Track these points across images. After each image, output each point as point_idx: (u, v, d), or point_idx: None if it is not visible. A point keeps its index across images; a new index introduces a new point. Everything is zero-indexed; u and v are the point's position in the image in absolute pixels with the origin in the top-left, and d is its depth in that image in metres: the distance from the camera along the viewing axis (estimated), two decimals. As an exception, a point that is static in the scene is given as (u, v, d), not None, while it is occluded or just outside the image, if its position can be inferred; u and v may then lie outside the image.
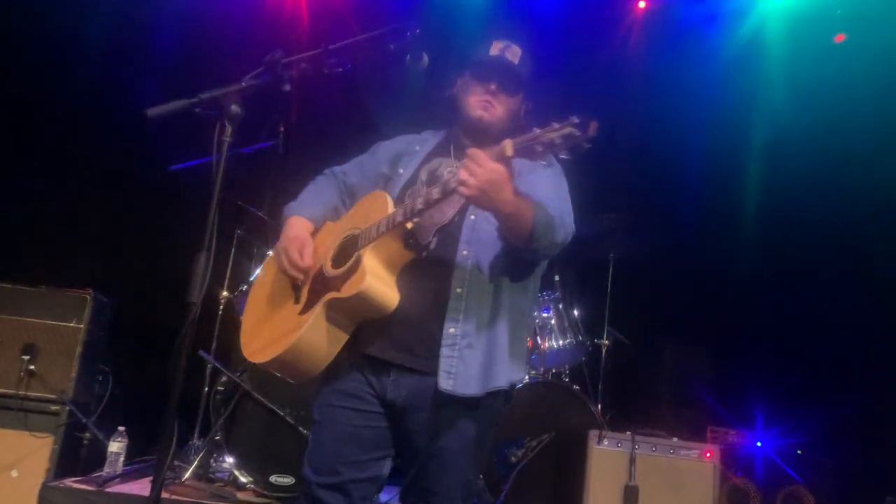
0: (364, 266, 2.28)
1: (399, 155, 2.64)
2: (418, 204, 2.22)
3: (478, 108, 2.50)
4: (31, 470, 4.14)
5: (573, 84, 5.12)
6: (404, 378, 2.34)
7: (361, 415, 2.35)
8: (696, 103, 5.32)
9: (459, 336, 2.30)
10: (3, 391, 4.22)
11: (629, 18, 5.78)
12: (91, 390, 4.56)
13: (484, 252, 2.37)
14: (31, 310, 4.35)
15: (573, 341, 4.45)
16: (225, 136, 2.05)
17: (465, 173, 2.08)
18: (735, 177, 5.47)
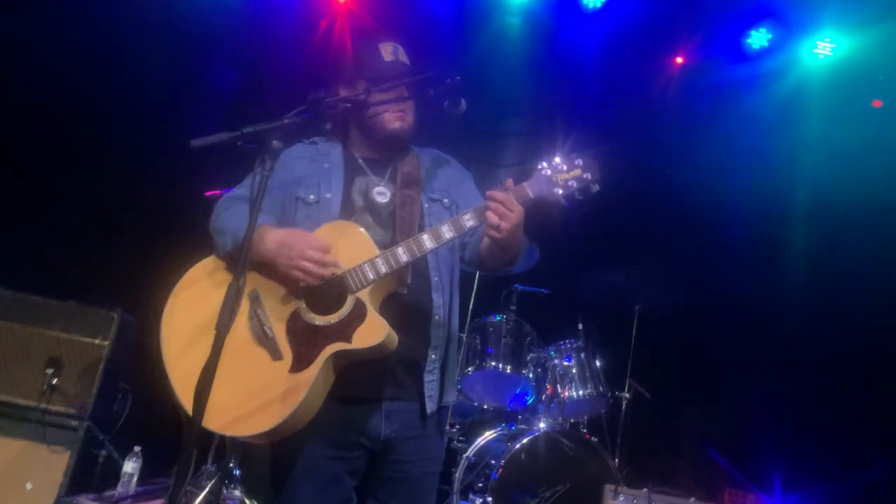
0: (372, 312, 2.21)
1: (303, 175, 2.46)
2: (427, 243, 2.25)
3: (395, 121, 2.48)
4: (46, 483, 4.16)
5: (610, 136, 5.15)
6: (395, 412, 2.33)
7: (344, 462, 2.28)
8: (733, 160, 5.32)
9: (435, 361, 2.39)
10: (25, 403, 4.27)
11: (667, 74, 5.82)
12: (110, 408, 4.60)
13: (446, 275, 2.48)
14: (58, 324, 4.41)
15: (594, 392, 4.40)
16: (265, 169, 2.08)
17: (497, 218, 2.16)
18: (767, 237, 5.42)
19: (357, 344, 2.18)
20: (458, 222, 2.28)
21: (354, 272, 2.24)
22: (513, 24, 5.58)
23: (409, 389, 2.36)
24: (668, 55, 5.89)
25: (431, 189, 2.52)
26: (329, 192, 2.42)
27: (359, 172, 2.50)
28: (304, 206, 2.40)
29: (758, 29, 5.57)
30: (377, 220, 2.40)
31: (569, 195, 2.24)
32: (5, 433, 4.24)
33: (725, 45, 5.72)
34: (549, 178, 2.24)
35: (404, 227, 2.36)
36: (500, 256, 2.37)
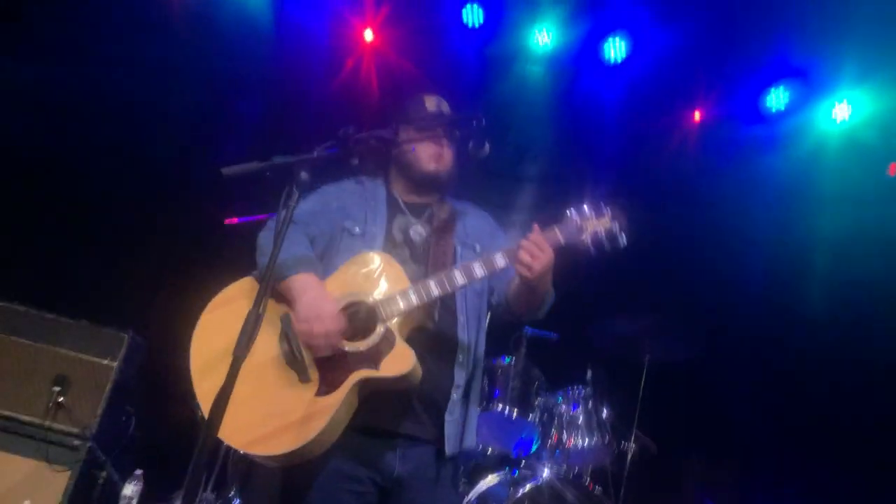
0: (401, 342, 2.25)
1: (351, 209, 2.59)
2: (458, 279, 2.31)
3: (431, 162, 2.62)
4: (44, 502, 4.15)
5: (626, 186, 5.21)
6: (411, 450, 2.35)
7: (357, 497, 2.29)
8: (750, 218, 5.34)
9: (456, 402, 2.41)
10: (29, 419, 4.27)
11: (685, 129, 5.88)
12: (114, 430, 4.58)
13: (473, 318, 2.53)
14: (68, 342, 4.43)
15: (600, 442, 4.35)
16: (292, 201, 2.11)
17: (529, 257, 2.24)
18: (782, 296, 5.39)
19: (384, 372, 2.21)
20: (489, 261, 2.35)
21: (385, 302, 2.30)
22: (535, 71, 5.67)
23: (427, 428, 2.37)
24: (687, 110, 5.96)
25: (465, 235, 2.62)
26: (373, 226, 2.53)
27: (399, 211, 2.62)
28: (348, 237, 2.50)
29: (777, 88, 5.63)
30: (413, 256, 2.48)
31: (597, 243, 2.32)
32: (7, 449, 4.23)
33: (744, 104, 5.78)
34: (579, 225, 2.32)
35: (437, 264, 2.44)
36: (528, 299, 2.44)
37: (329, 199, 2.59)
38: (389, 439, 2.32)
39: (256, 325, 2.04)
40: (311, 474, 2.25)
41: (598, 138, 5.62)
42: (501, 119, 5.07)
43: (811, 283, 5.35)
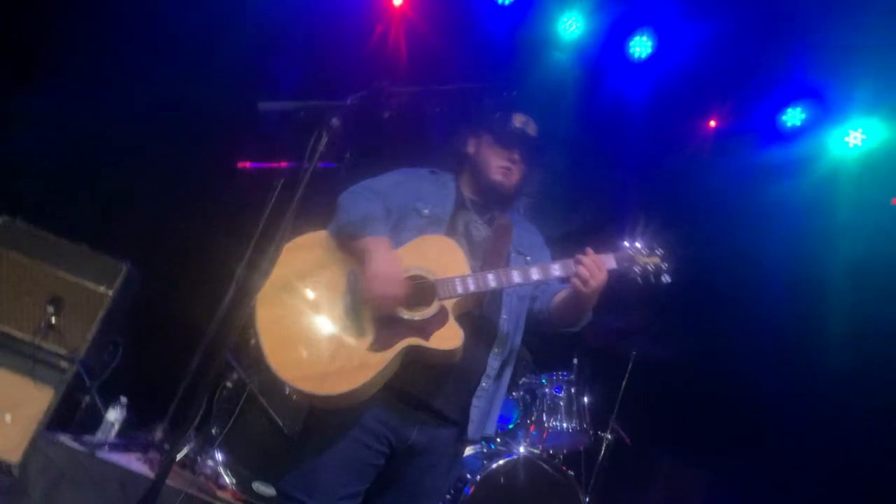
0: (453, 320, 2.41)
1: (424, 192, 2.75)
2: (515, 277, 2.47)
3: (498, 174, 2.74)
4: (26, 418, 4.15)
5: (638, 186, 5.26)
6: (432, 426, 2.50)
7: (371, 452, 2.43)
8: (758, 229, 5.37)
9: (485, 389, 2.56)
10: (20, 336, 4.29)
11: (700, 135, 5.92)
12: (101, 357, 4.61)
13: (514, 318, 2.67)
14: (66, 265, 4.42)
15: (578, 427, 4.43)
16: (320, 144, 2.15)
17: (588, 273, 2.41)
18: (783, 316, 5.40)
19: (433, 344, 2.38)
20: (546, 268, 2.53)
21: (445, 282, 2.45)
22: (560, 59, 5.68)
23: (454, 408, 2.53)
24: (703, 117, 6.00)
25: (520, 244, 2.76)
26: (440, 212, 2.70)
27: (464, 207, 2.77)
28: (417, 216, 2.66)
29: (794, 108, 5.67)
30: (470, 249, 2.61)
31: (644, 277, 2.50)
32: (-5, 362, 4.27)
33: (760, 118, 5.80)
34: (632, 258, 2.50)
35: (491, 264, 2.59)
36: (571, 312, 2.62)
37: (406, 179, 2.76)
38: (415, 410, 2.47)
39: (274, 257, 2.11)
40: (334, 419, 2.41)
41: (614, 133, 5.64)
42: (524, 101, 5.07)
43: (818, 301, 5.35)
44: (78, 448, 3.59)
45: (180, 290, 5.20)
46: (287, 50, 5.43)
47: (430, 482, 2.56)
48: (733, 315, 5.22)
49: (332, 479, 2.39)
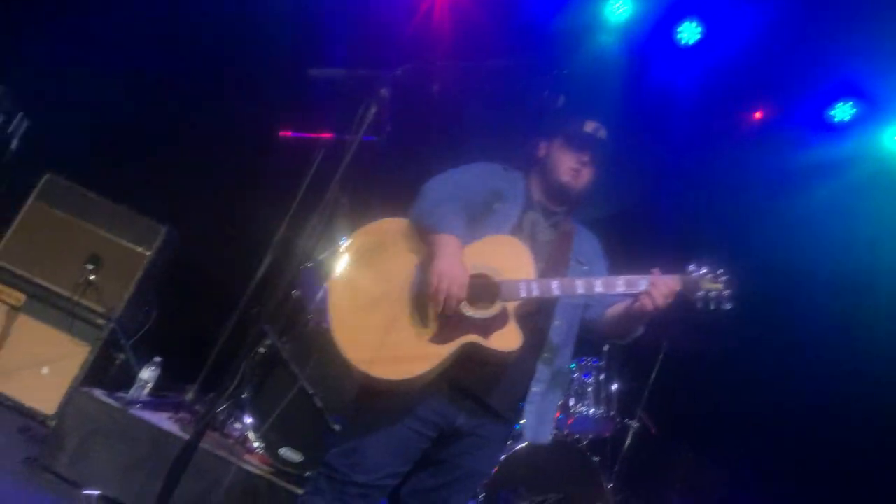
0: (513, 323, 2.46)
1: (498, 189, 2.79)
2: (578, 287, 2.51)
3: (567, 174, 2.77)
4: (62, 372, 4.28)
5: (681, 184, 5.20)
6: (478, 414, 2.55)
7: (417, 436, 2.51)
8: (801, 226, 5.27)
9: (537, 395, 2.61)
10: (59, 291, 4.39)
11: (745, 126, 5.81)
12: (137, 317, 4.70)
13: (568, 327, 2.71)
14: (108, 225, 4.52)
15: (605, 414, 4.42)
16: (369, 114, 2.14)
17: (659, 296, 2.45)
18: (824, 312, 5.30)
19: (492, 344, 2.43)
20: (609, 282, 2.56)
21: (510, 284, 2.50)
22: (606, 42, 5.60)
23: (505, 406, 2.59)
24: (749, 108, 5.88)
25: (581, 253, 2.80)
26: (511, 209, 2.73)
27: (532, 207, 2.79)
28: (489, 212, 2.70)
29: (844, 102, 5.54)
30: (534, 249, 2.63)
31: (705, 303, 2.51)
32: (36, 316, 4.37)
33: (808, 112, 5.68)
34: (696, 282, 2.52)
35: (553, 269, 2.65)
36: (626, 325, 2.67)
37: (484, 173, 2.81)
38: (466, 399, 2.53)
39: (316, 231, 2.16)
40: (385, 402, 2.49)
41: (657, 118, 5.54)
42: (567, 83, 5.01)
43: (863, 306, 5.25)
44: (112, 404, 3.65)
45: (217, 256, 5.26)
46: (334, 20, 5.40)
47: (472, 463, 2.61)
48: (773, 316, 5.11)
49: (377, 459, 2.47)
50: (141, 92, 5.27)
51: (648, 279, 2.50)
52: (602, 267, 2.85)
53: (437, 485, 2.60)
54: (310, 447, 3.78)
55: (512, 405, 2.63)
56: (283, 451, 3.80)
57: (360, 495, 2.47)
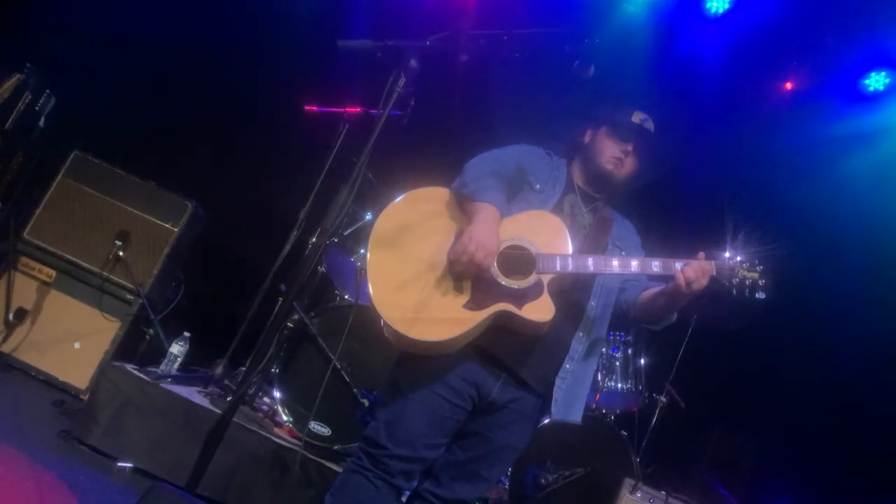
0: (546, 294, 2.48)
1: (539, 170, 2.82)
2: (614, 266, 2.54)
3: (610, 163, 2.78)
4: (93, 347, 4.34)
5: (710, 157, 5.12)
6: (511, 387, 2.57)
7: (452, 408, 2.54)
8: (837, 200, 5.17)
9: (569, 372, 2.62)
10: (89, 267, 4.44)
11: (775, 97, 5.70)
12: (165, 292, 4.74)
13: (603, 307, 2.72)
14: (135, 201, 4.55)
15: (632, 388, 4.41)
16: (398, 86, 2.11)
17: (694, 277, 2.46)
18: (856, 287, 5.21)
19: (525, 313, 2.45)
20: (645, 263, 2.58)
21: (546, 258, 2.52)
22: (634, 13, 5.50)
23: (538, 380, 2.60)
24: (779, 79, 5.76)
25: (618, 238, 2.82)
26: (551, 191, 2.78)
27: (572, 191, 2.82)
28: (529, 190, 2.75)
29: (878, 71, 5.41)
30: (572, 231, 2.66)
31: (739, 290, 2.52)
32: (66, 291, 4.43)
33: (841, 82, 5.55)
34: (732, 269, 2.54)
35: (589, 248, 2.67)
36: (660, 309, 2.68)
37: (526, 154, 2.83)
38: (499, 370, 2.55)
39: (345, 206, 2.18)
40: (420, 374, 2.53)
41: (685, 90, 5.45)
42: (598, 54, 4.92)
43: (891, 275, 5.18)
44: (144, 378, 3.69)
45: (243, 231, 5.28)
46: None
47: (505, 438, 2.62)
48: (804, 288, 5.04)
49: (414, 430, 2.50)
50: (166, 68, 5.28)
51: (683, 262, 2.51)
52: (639, 255, 2.84)
53: (469, 458, 2.61)
54: (338, 421, 3.82)
55: (544, 379, 2.62)
56: (312, 424, 3.83)
57: (400, 470, 2.51)
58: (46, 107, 4.74)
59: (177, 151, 5.23)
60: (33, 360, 4.30)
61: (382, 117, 2.13)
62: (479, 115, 5.23)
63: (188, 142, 5.30)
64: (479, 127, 5.18)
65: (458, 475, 2.62)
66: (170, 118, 5.25)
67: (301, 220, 4.23)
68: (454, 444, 2.63)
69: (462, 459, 2.62)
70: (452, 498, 2.63)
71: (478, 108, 5.27)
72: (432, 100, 4.88)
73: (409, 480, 2.58)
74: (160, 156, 5.04)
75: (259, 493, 3.48)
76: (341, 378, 3.83)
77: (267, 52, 5.39)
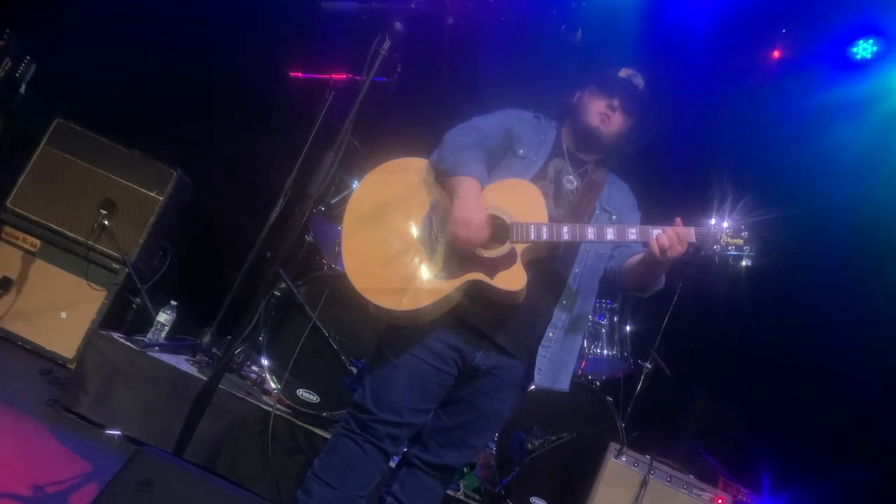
0: (520, 264, 2.47)
1: (524, 136, 2.77)
2: (589, 234, 2.50)
3: (596, 119, 2.72)
4: (79, 316, 4.34)
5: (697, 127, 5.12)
6: (494, 354, 2.58)
7: (437, 372, 2.56)
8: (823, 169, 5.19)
9: (553, 340, 2.61)
10: (74, 236, 4.41)
11: (763, 66, 5.68)
12: (150, 261, 4.72)
13: (588, 275, 2.70)
14: (119, 170, 4.51)
15: (618, 355, 4.45)
16: (383, 49, 2.10)
17: (668, 244, 2.41)
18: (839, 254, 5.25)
19: (496, 283, 2.45)
20: (622, 230, 2.53)
21: (520, 227, 2.50)
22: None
23: (519, 348, 2.61)
24: (767, 47, 5.74)
25: (608, 202, 2.77)
26: (535, 155, 2.73)
27: (560, 155, 2.77)
28: (512, 157, 2.72)
29: (866, 39, 5.40)
30: (555, 197, 2.66)
31: (723, 258, 2.48)
32: (51, 261, 4.40)
33: (828, 50, 5.53)
34: (715, 236, 2.49)
35: (575, 216, 2.63)
36: (641, 277, 2.64)
37: (510, 120, 2.77)
38: (481, 339, 2.56)
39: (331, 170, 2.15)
40: (404, 342, 2.55)
41: (672, 59, 5.40)
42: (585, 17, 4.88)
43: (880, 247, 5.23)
44: (131, 346, 3.69)
45: (229, 200, 5.25)
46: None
47: (491, 405, 2.63)
48: (790, 255, 5.07)
49: (399, 395, 2.52)
50: (150, 35, 5.19)
51: (662, 229, 2.47)
52: (634, 219, 2.81)
53: (456, 424, 2.64)
54: (326, 388, 3.84)
55: (526, 348, 2.62)
56: (301, 392, 3.85)
57: (387, 434, 2.53)
58: (27, 74, 4.67)
59: (161, 120, 5.16)
60: (20, 329, 4.29)
61: (367, 81, 2.11)
62: (466, 81, 5.19)
63: (172, 110, 5.23)
64: (466, 92, 5.13)
65: (446, 441, 2.64)
66: (154, 86, 5.18)
67: (287, 188, 4.21)
68: (441, 410, 2.65)
69: (449, 426, 2.64)
70: (440, 464, 2.65)
71: (465, 74, 5.22)
72: (419, 65, 4.88)
73: (397, 445, 2.61)
74: (144, 124, 4.97)
75: (247, 460, 3.50)
76: (329, 346, 3.84)
77: (251, 16, 5.31)
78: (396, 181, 2.66)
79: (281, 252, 2.32)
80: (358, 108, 2.49)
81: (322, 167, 2.08)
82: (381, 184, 2.66)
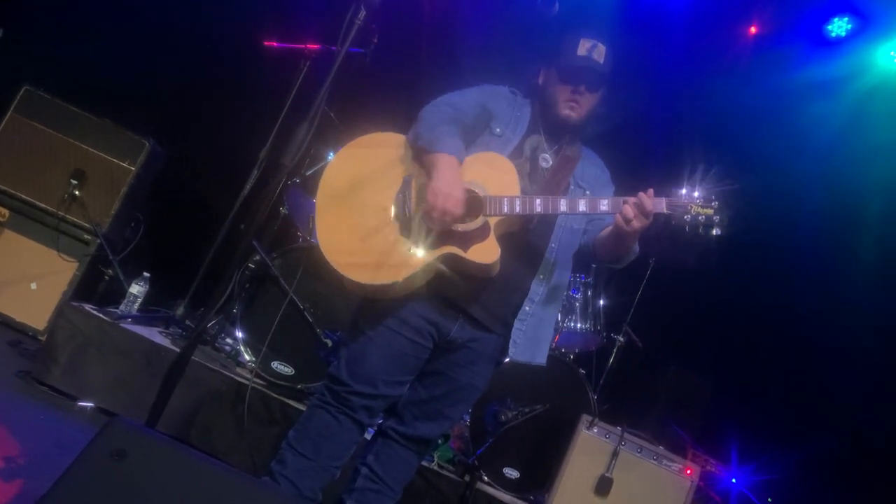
0: (493, 237, 2.48)
1: (500, 112, 2.76)
2: (561, 206, 2.52)
3: (565, 108, 2.71)
4: (50, 288, 4.27)
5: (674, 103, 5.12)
6: (469, 327, 2.60)
7: (412, 345, 2.57)
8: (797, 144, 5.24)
9: (530, 314, 2.64)
10: (44, 206, 4.34)
11: (740, 42, 5.71)
12: (122, 232, 4.66)
13: (564, 249, 2.72)
14: (90, 139, 4.43)
15: (591, 329, 4.49)
16: (358, 18, 2.07)
17: (633, 212, 2.43)
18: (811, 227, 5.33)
19: (470, 256, 2.47)
20: (593, 202, 2.55)
21: (493, 200, 2.51)
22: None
23: (494, 322, 2.63)
24: (744, 22, 5.76)
25: (582, 178, 2.77)
26: (511, 133, 2.73)
27: (536, 132, 2.76)
28: (489, 134, 2.71)
29: (841, 17, 5.44)
30: (531, 173, 2.67)
31: (693, 227, 2.48)
32: (21, 231, 4.32)
33: (805, 26, 5.57)
34: (685, 206, 2.49)
35: (548, 189, 2.63)
36: (612, 250, 2.66)
37: (486, 96, 2.76)
38: (457, 312, 2.58)
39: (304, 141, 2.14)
40: (380, 314, 2.55)
41: (649, 36, 5.39)
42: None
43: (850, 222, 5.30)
44: (103, 318, 3.66)
45: (203, 171, 5.19)
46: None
47: (466, 378, 2.66)
48: (764, 231, 5.13)
49: (374, 367, 2.54)
50: (120, 1, 5.08)
51: (627, 200, 2.48)
52: (607, 192, 2.81)
53: (431, 396, 2.66)
54: (301, 361, 3.85)
55: (502, 320, 2.64)
56: (275, 364, 3.85)
57: (362, 406, 2.55)
58: (-7, 40, 4.56)
59: (133, 88, 5.06)
60: (-12, 301, 4.23)
61: (342, 51, 2.09)
62: (443, 53, 5.15)
63: (145, 78, 5.13)
64: (443, 64, 5.10)
65: (421, 414, 2.66)
66: (125, 53, 5.06)
67: (262, 159, 4.18)
68: (417, 383, 2.67)
69: (425, 398, 2.66)
70: (415, 435, 2.67)
71: (442, 46, 5.18)
72: (396, 36, 4.83)
73: (372, 417, 2.63)
74: (115, 93, 4.87)
75: (221, 432, 3.50)
76: (304, 318, 3.84)
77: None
78: (372, 156, 2.65)
79: (254, 223, 2.30)
80: (333, 78, 2.47)
81: (296, 138, 2.06)
82: (356, 158, 2.65)
